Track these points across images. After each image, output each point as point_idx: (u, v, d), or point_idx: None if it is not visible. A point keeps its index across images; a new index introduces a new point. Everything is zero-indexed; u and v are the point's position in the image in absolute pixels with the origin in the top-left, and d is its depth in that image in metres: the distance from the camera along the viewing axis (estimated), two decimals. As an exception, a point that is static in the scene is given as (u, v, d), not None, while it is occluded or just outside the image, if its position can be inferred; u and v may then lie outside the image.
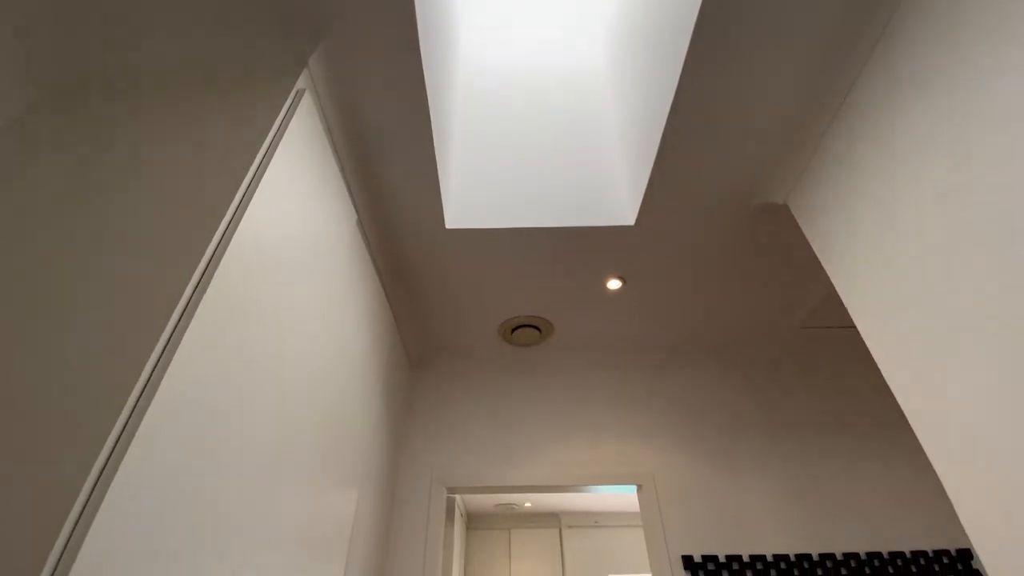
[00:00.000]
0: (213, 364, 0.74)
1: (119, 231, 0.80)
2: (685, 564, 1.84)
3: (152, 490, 0.62)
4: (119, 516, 0.57)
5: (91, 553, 0.54)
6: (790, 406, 2.29)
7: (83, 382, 0.63)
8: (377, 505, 1.74)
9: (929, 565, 1.86)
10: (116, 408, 0.61)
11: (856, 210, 1.23)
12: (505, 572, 4.33)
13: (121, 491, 0.58)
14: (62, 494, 0.55)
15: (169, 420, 0.65)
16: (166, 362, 0.66)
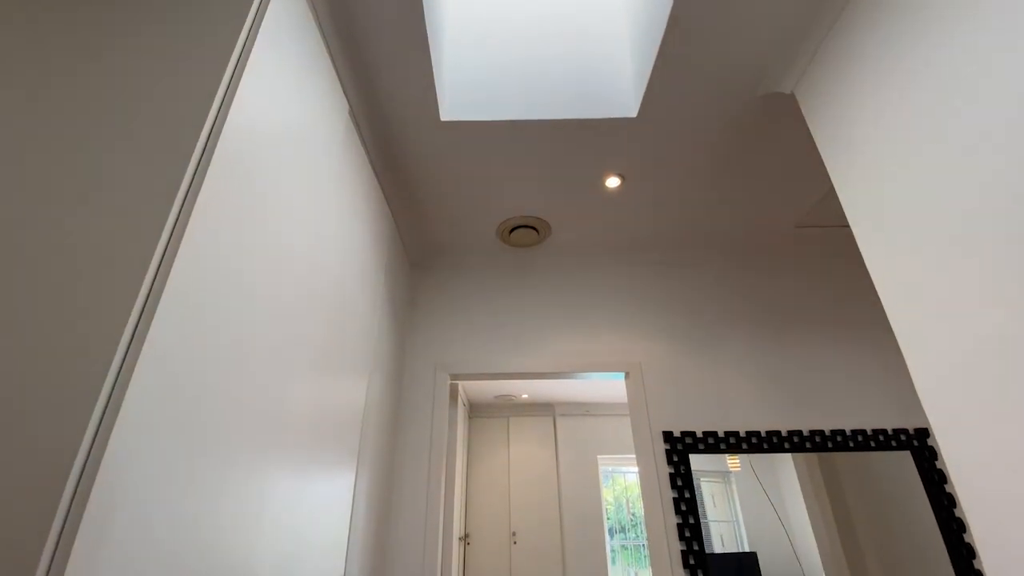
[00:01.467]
0: (215, 263, 0.75)
1: (98, 134, 0.77)
2: (665, 438, 2.05)
3: (167, 386, 0.64)
4: (145, 406, 0.60)
5: (116, 455, 0.57)
6: (776, 303, 2.39)
7: (84, 294, 0.63)
8: (385, 392, 1.89)
9: (887, 440, 2.07)
10: (125, 311, 0.62)
11: (862, 104, 1.19)
12: (504, 455, 4.75)
13: (143, 384, 0.60)
14: (82, 398, 0.57)
15: (176, 319, 0.66)
16: (167, 267, 0.66)
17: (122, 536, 0.57)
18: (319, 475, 1.15)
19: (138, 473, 0.59)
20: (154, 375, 0.63)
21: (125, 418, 0.58)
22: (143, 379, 0.61)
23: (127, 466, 0.58)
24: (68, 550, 0.51)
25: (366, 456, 1.58)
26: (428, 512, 1.98)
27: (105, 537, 0.55)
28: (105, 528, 0.55)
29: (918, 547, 1.92)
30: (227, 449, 0.77)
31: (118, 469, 0.57)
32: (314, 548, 1.12)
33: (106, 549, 0.55)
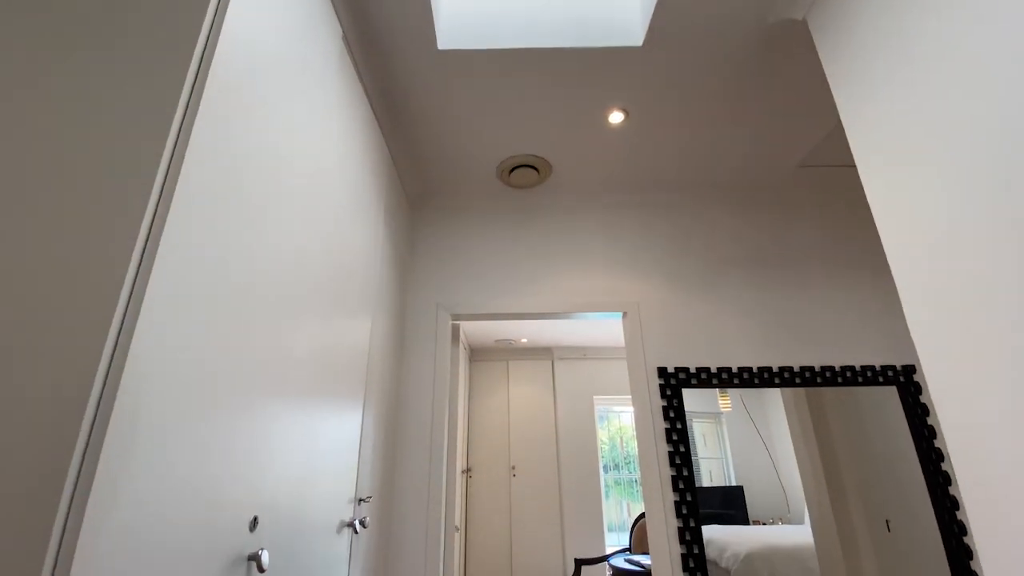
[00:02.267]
0: (212, 204, 0.73)
1: (91, 56, 0.74)
2: (659, 374, 2.12)
3: (175, 327, 0.65)
4: (154, 347, 0.61)
5: (128, 391, 0.58)
6: (774, 243, 2.39)
7: (85, 234, 0.62)
8: (389, 331, 1.93)
9: (875, 376, 2.14)
10: (126, 250, 0.62)
11: (876, 34, 1.14)
12: (504, 396, 4.89)
13: (151, 318, 0.61)
14: (95, 327, 0.57)
15: (179, 264, 0.66)
16: (163, 213, 0.64)
17: (143, 461, 0.60)
18: (328, 409, 1.20)
19: (155, 404, 0.62)
20: (162, 308, 0.64)
21: (136, 354, 0.59)
22: (151, 312, 0.62)
23: (144, 396, 0.60)
24: (92, 471, 0.54)
25: (372, 393, 1.64)
26: (432, 446, 2.08)
27: (126, 462, 0.58)
28: (126, 454, 0.58)
29: (897, 479, 2.02)
30: (238, 385, 0.79)
31: (136, 398, 0.59)
32: (326, 474, 1.19)
33: (127, 475, 0.58)
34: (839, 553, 1.98)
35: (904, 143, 1.07)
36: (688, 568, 1.86)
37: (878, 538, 1.96)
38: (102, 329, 0.57)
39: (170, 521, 0.63)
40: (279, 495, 0.94)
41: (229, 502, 0.76)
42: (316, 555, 1.12)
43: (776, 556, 2.05)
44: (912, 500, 1.97)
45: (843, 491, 2.04)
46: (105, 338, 0.57)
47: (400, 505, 1.99)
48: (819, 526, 2.02)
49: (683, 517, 1.92)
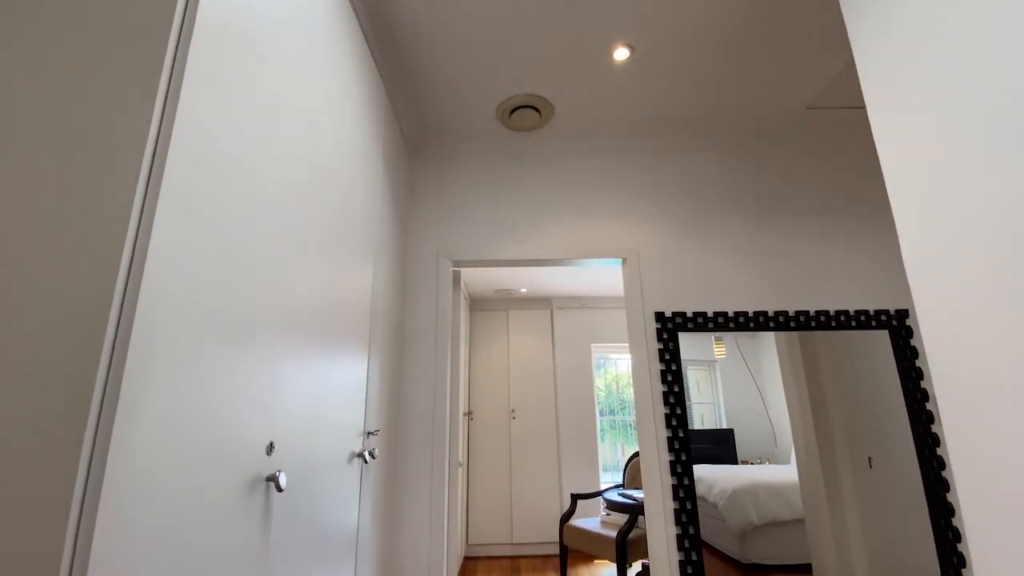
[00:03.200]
0: (213, 139, 0.72)
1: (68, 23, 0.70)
2: (656, 318, 2.16)
3: (179, 268, 0.65)
4: (159, 287, 0.61)
5: (145, 310, 0.60)
6: (775, 189, 2.37)
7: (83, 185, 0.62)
8: (391, 278, 1.94)
9: (868, 320, 2.18)
10: (128, 195, 0.63)
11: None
12: (504, 344, 4.98)
13: (157, 259, 0.61)
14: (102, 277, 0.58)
15: (182, 207, 0.65)
16: (160, 162, 0.63)
17: (164, 381, 0.63)
18: (336, 347, 1.23)
19: (172, 326, 0.64)
20: (167, 252, 0.64)
21: (145, 298, 0.60)
22: (157, 256, 0.62)
23: (160, 315, 0.62)
24: (117, 388, 0.56)
25: (377, 334, 1.67)
26: (435, 385, 2.15)
27: (149, 378, 0.60)
28: (148, 371, 0.60)
29: (880, 420, 2.10)
30: (245, 329, 0.80)
31: (152, 316, 0.61)
32: (336, 408, 1.24)
33: (150, 392, 0.61)
34: (822, 488, 2.09)
35: (915, 77, 1.04)
36: (678, 497, 1.98)
37: (860, 474, 2.07)
38: (116, 250, 0.58)
39: (193, 439, 0.67)
40: (293, 425, 0.98)
41: (245, 428, 0.80)
42: (330, 481, 1.19)
43: (761, 491, 2.16)
44: (893, 439, 2.07)
45: (829, 431, 2.12)
46: (119, 263, 0.58)
47: (407, 441, 2.09)
48: (804, 463, 2.12)
49: (675, 451, 2.02)
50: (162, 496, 0.61)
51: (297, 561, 1.00)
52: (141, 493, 0.57)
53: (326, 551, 1.16)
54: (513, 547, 4.35)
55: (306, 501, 1.05)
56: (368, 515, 1.53)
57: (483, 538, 4.37)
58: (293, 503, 0.99)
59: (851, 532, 2.01)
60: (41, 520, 0.50)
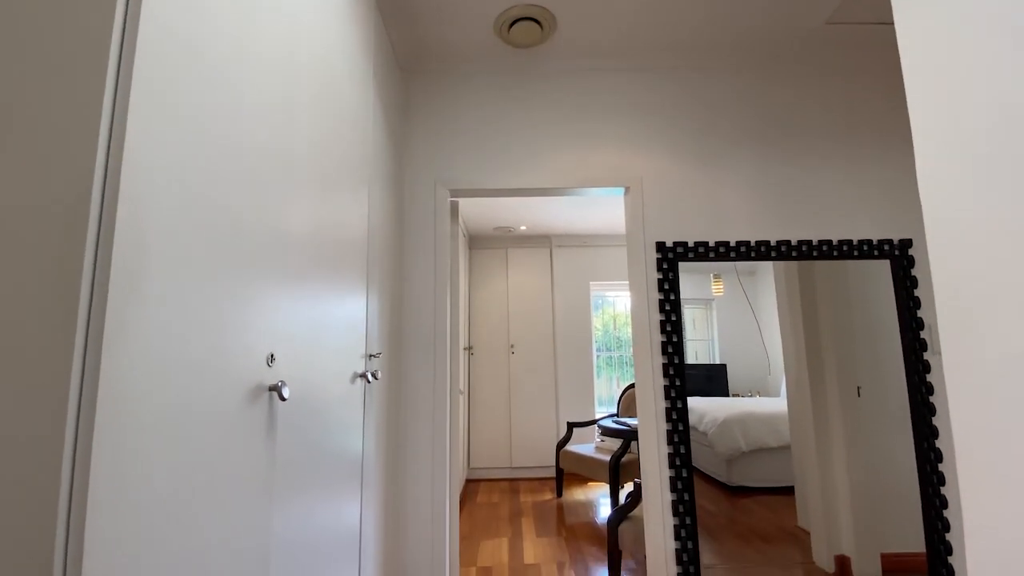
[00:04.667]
0: (176, 42, 0.66)
1: None
2: (657, 248, 2.14)
3: (162, 182, 0.61)
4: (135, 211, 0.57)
5: (128, 198, 0.56)
6: (785, 116, 2.27)
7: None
8: (387, 209, 1.89)
9: (871, 250, 2.16)
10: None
11: None
12: (503, 282, 4.99)
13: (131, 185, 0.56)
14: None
15: (153, 132, 0.60)
16: (129, 55, 0.57)
17: (154, 288, 0.60)
18: (331, 285, 1.21)
19: (153, 260, 0.61)
20: (146, 152, 0.59)
21: (127, 201, 0.56)
22: (136, 156, 0.58)
23: (145, 210, 0.59)
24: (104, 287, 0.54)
25: (376, 264, 1.65)
26: (436, 313, 2.16)
27: (136, 284, 0.58)
28: (135, 274, 0.58)
29: (872, 350, 2.13)
30: (235, 244, 0.77)
31: (136, 206, 0.58)
32: (337, 329, 1.24)
33: (138, 297, 0.58)
34: (810, 416, 2.17)
35: (954, -31, 0.95)
36: (671, 419, 2.05)
37: (848, 403, 2.13)
38: (89, 147, 0.54)
39: (189, 348, 0.66)
40: (293, 341, 0.98)
41: (243, 338, 0.80)
42: (333, 398, 1.21)
43: (750, 421, 2.26)
44: (883, 369, 2.11)
45: (821, 361, 2.17)
46: (94, 163, 0.54)
47: (409, 367, 2.13)
48: (794, 392, 2.18)
49: (669, 377, 2.07)
50: (161, 404, 0.61)
51: (303, 479, 1.03)
52: (137, 404, 0.57)
53: (332, 470, 1.20)
54: (512, 470, 4.58)
55: (311, 416, 1.07)
56: (372, 436, 1.59)
57: (483, 463, 4.59)
58: (298, 417, 1.00)
59: (835, 458, 2.10)
60: (37, 449, 0.49)
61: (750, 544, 2.10)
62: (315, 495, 1.08)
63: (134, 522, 0.56)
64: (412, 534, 2.02)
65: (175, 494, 0.62)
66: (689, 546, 1.95)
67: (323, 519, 1.13)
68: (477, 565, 2.72)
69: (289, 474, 0.95)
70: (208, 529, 0.68)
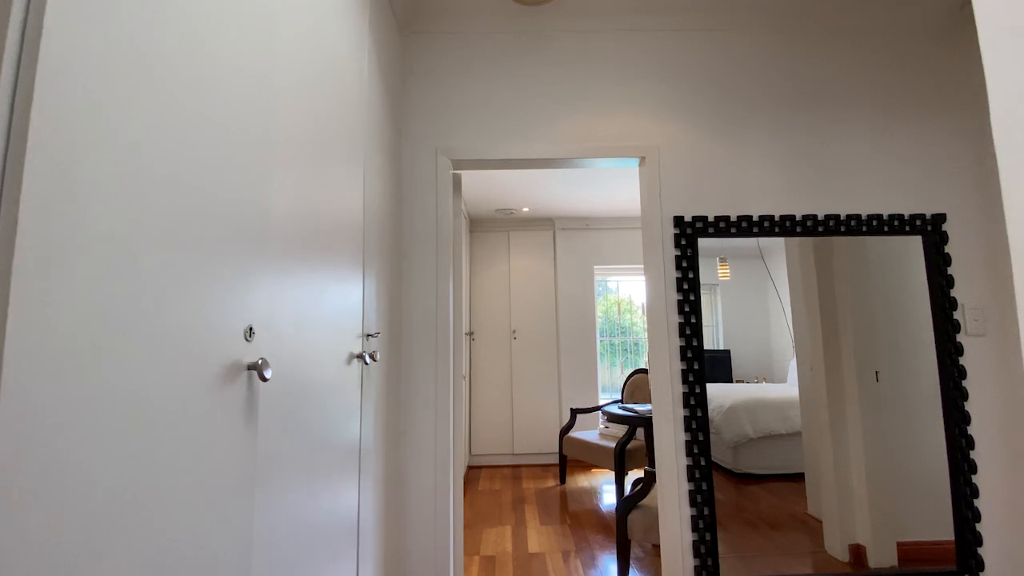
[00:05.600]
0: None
1: None
2: (675, 223, 2.00)
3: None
4: None
5: None
6: (814, 80, 2.12)
7: None
8: (385, 183, 1.75)
9: (902, 225, 2.03)
10: None
11: None
12: (505, 266, 4.89)
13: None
14: None
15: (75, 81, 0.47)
16: None
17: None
18: (323, 259, 1.08)
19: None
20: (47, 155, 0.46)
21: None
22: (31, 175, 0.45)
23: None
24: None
25: (372, 247, 1.51)
26: (438, 297, 2.03)
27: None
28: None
29: (892, 332, 2.02)
30: (192, 238, 0.63)
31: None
32: (330, 312, 1.12)
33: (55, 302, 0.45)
34: (824, 401, 2.06)
35: None
36: (688, 404, 1.93)
37: (865, 388, 2.03)
38: None
39: (133, 324, 0.53)
40: (280, 319, 0.86)
41: (210, 314, 0.67)
42: (327, 381, 1.09)
43: (758, 407, 2.19)
44: (903, 352, 2.01)
45: (838, 344, 2.06)
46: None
47: (411, 349, 2.00)
48: (808, 377, 2.08)
49: (687, 360, 1.95)
50: (97, 391, 0.48)
51: (295, 468, 0.91)
52: (58, 392, 0.44)
53: (327, 456, 1.09)
54: (514, 457, 4.53)
55: (302, 398, 0.95)
56: (371, 420, 1.47)
57: (485, 448, 4.54)
58: (287, 399, 0.88)
59: (851, 444, 2.01)
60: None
61: (758, 531, 2.04)
62: (308, 484, 0.97)
63: (79, 534, 0.43)
64: (414, 523, 1.91)
65: (125, 498, 0.50)
66: (707, 538, 1.85)
67: (318, 510, 1.02)
68: (480, 554, 2.64)
69: (277, 462, 0.84)
70: (170, 533, 0.56)
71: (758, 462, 2.13)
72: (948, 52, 2.12)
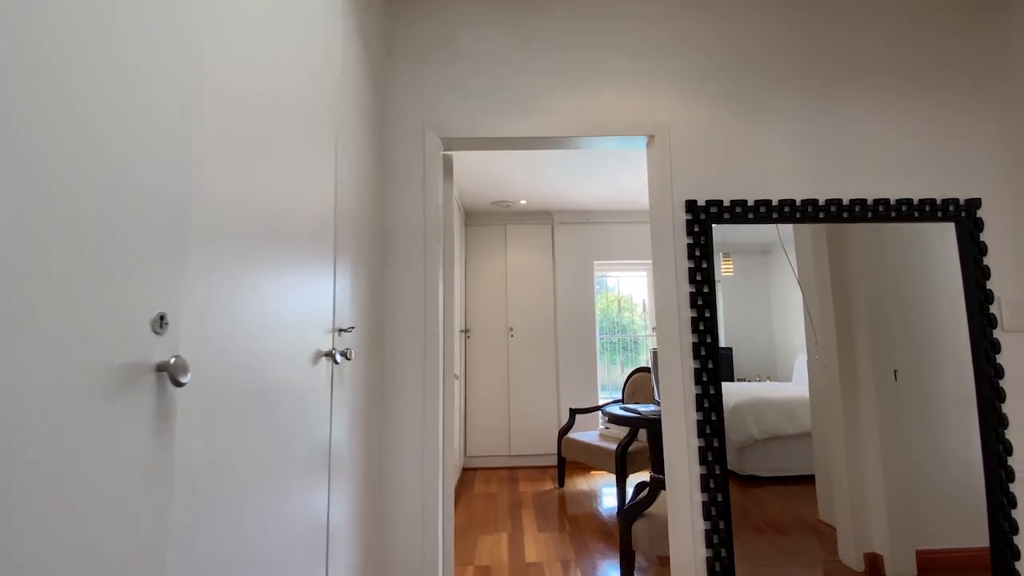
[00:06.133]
0: None
1: None
2: (687, 208, 1.83)
3: None
4: None
5: None
6: (837, 50, 1.95)
7: None
8: (365, 165, 1.56)
9: (934, 211, 1.87)
10: None
11: None
12: (501, 261, 4.74)
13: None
14: None
15: None
16: None
17: None
18: (279, 244, 0.91)
19: None
20: None
21: None
22: None
23: None
24: None
25: (346, 235, 1.32)
26: (427, 291, 1.85)
27: None
28: None
29: (910, 327, 1.88)
30: None
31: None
32: (290, 309, 0.94)
33: None
34: (839, 401, 1.93)
35: None
36: (702, 408, 1.76)
37: (883, 387, 1.90)
38: None
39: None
40: (218, 311, 0.68)
41: (109, 307, 0.49)
42: (286, 377, 0.92)
43: (763, 407, 2.09)
44: (923, 350, 1.89)
45: (852, 339, 1.93)
46: None
47: (397, 346, 1.82)
48: (820, 375, 1.93)
49: (701, 359, 1.78)
50: None
51: (238, 479, 0.75)
52: None
53: (285, 464, 0.92)
54: (510, 459, 4.39)
55: (251, 400, 0.79)
56: (345, 424, 1.29)
57: (481, 450, 4.40)
58: (228, 403, 0.72)
59: (867, 447, 1.89)
60: None
61: (765, 536, 1.92)
62: (259, 495, 0.82)
63: None
64: (400, 532, 1.74)
65: None
66: (723, 554, 1.68)
67: (277, 521, 0.87)
68: (474, 564, 2.48)
69: (224, 473, 0.69)
70: None
71: (764, 464, 2.02)
72: (985, 22, 1.95)
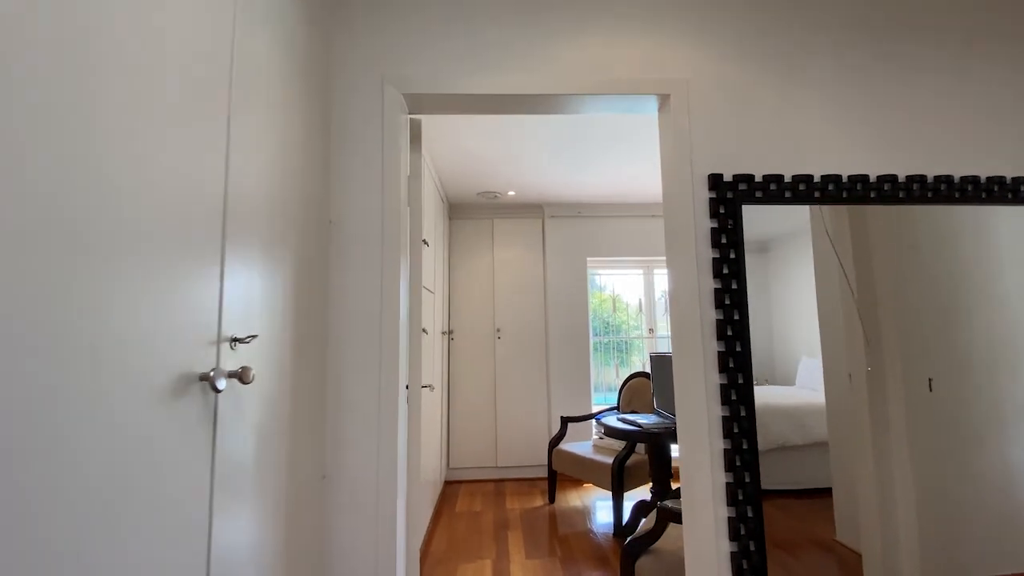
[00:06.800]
0: None
1: None
2: (711, 183, 1.48)
3: None
4: None
5: None
6: (891, 3, 1.62)
7: None
8: (294, 129, 1.18)
9: (1003, 191, 1.55)
10: None
11: None
12: (488, 257, 4.50)
13: None
14: None
15: None
16: None
17: None
18: (111, 256, 0.54)
19: None
20: None
21: None
22: None
23: None
24: None
25: (249, 225, 0.93)
26: (384, 294, 1.47)
27: None
28: None
29: (952, 331, 1.67)
30: None
31: None
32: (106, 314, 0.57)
33: None
34: (865, 409, 1.71)
35: None
36: (731, 433, 1.42)
37: (915, 398, 1.70)
38: None
39: None
40: None
41: None
42: (91, 429, 0.55)
43: (768, 414, 1.87)
44: (964, 356, 1.69)
45: (879, 343, 1.70)
46: None
47: (342, 355, 1.44)
48: (837, 382, 1.71)
49: (729, 371, 1.43)
50: None
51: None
52: None
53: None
54: (497, 470, 4.15)
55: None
56: (234, 473, 0.90)
57: (465, 462, 4.16)
58: None
59: (895, 465, 1.69)
60: None
61: (771, 557, 1.67)
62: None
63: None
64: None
65: None
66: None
67: None
68: (452, 605, 2.14)
69: None
70: None
71: (770, 477, 1.79)
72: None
